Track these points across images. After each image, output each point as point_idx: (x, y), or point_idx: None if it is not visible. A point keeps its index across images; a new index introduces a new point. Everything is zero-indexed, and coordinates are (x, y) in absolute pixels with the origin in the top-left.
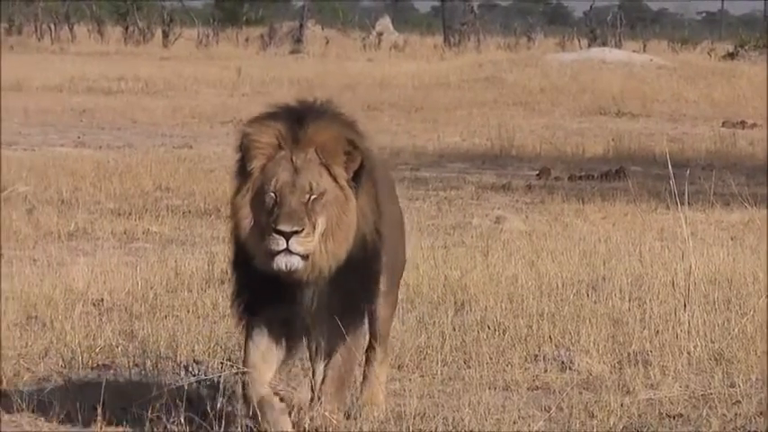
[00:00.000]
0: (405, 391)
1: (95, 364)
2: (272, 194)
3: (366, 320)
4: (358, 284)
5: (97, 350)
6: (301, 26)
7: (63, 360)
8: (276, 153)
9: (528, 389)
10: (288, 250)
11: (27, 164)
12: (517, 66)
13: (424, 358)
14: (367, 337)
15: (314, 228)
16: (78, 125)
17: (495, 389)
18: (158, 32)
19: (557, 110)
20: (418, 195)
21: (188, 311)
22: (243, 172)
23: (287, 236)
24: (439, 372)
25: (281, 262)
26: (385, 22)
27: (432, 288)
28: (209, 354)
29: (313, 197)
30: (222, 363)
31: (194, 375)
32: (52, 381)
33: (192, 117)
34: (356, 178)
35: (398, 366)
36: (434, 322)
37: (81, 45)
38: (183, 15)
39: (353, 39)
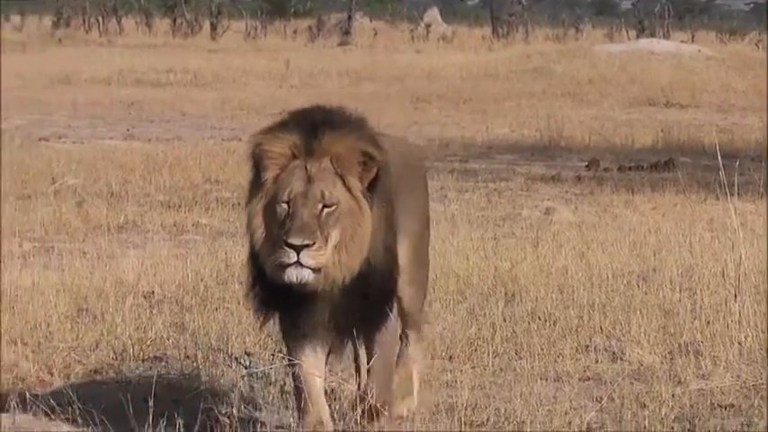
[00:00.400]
0: (456, 382)
1: (146, 357)
2: (285, 205)
3: (392, 313)
4: (376, 287)
5: (148, 342)
6: (349, 18)
7: (114, 352)
8: (290, 163)
9: (579, 380)
10: (299, 263)
11: (76, 157)
12: (565, 57)
13: (475, 350)
14: (398, 328)
15: (326, 241)
16: (127, 117)
17: (547, 380)
18: (206, 25)
19: (605, 101)
20: (467, 187)
21: (238, 303)
22: (256, 181)
23: (297, 249)
24: (490, 363)
25: (292, 275)
26: (433, 14)
27: (482, 279)
28: (260, 346)
29: (326, 209)
30: (273, 354)
31: (246, 367)
32: (103, 373)
33: (241, 109)
34: (372, 188)
35: (449, 358)
36: (485, 313)
37: (129, 37)
38: (230, 8)
39: (402, 30)
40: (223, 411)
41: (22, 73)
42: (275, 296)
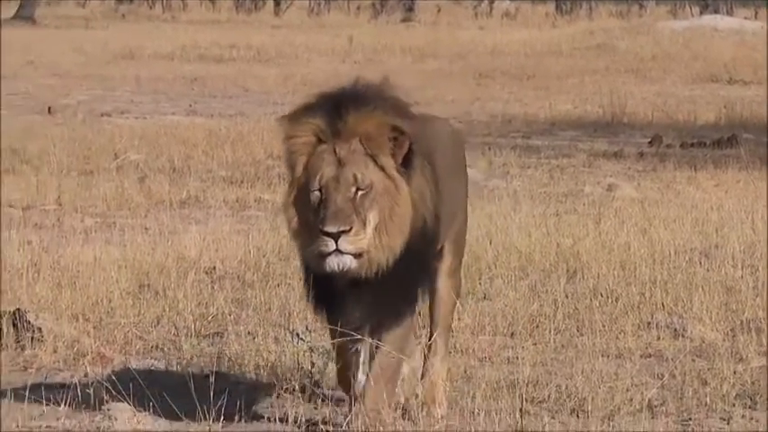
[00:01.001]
0: (517, 359)
1: (207, 333)
2: (318, 192)
3: (417, 307)
4: (413, 271)
5: (209, 318)
6: None
7: (175, 328)
8: (317, 148)
9: (641, 356)
10: (338, 251)
11: (139, 132)
12: (629, 33)
13: (537, 326)
14: (419, 324)
15: (364, 224)
16: (190, 93)
17: (608, 356)
18: (270, 1)
19: (668, 77)
20: (530, 163)
21: (300, 279)
22: (290, 173)
23: (335, 236)
24: (551, 340)
25: (333, 263)
26: None
27: (544, 256)
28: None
29: (360, 192)
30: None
31: (308, 343)
32: (164, 349)
33: (304, 85)
34: (406, 164)
35: (511, 334)
36: (547, 290)
37: (192, 13)
38: None
39: (465, 7)
40: (284, 387)
41: (86, 48)
42: (325, 287)
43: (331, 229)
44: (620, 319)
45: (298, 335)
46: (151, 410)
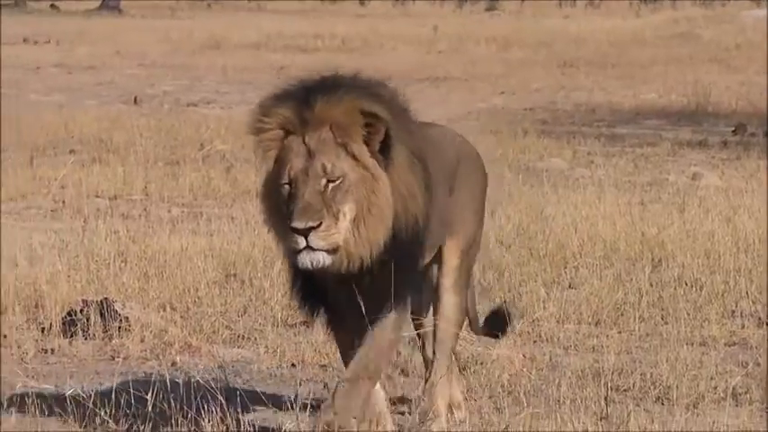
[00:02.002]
0: (602, 347)
1: (294, 322)
2: (287, 186)
3: (408, 308)
4: (402, 266)
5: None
6: None
7: (262, 318)
8: (286, 139)
9: (725, 344)
10: (309, 247)
11: (225, 122)
12: (713, 22)
13: (622, 314)
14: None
15: (336, 218)
16: (276, 82)
17: (693, 344)
18: None
19: (752, 66)
20: (614, 152)
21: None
22: (262, 166)
23: (304, 233)
24: (636, 328)
25: (306, 260)
26: None
27: (629, 245)
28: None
29: (332, 183)
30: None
31: None
32: (251, 339)
33: (389, 74)
34: (384, 151)
35: (596, 323)
36: (631, 279)
37: (278, 3)
38: None
39: None
40: None
41: (171, 38)
42: (316, 284)
43: (298, 225)
44: (705, 307)
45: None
46: (238, 400)
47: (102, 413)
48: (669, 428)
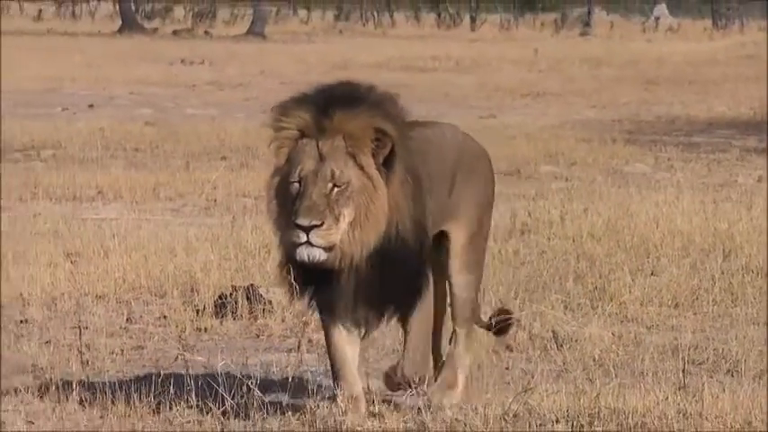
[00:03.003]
0: (680, 326)
1: None
2: (297, 184)
3: (424, 293)
4: (402, 263)
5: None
6: (589, 12)
7: None
8: (300, 141)
9: None
10: (308, 243)
11: None
12: None
13: (697, 298)
14: (431, 314)
15: (337, 220)
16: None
17: (759, 324)
18: (466, 18)
19: None
20: (691, 158)
21: (493, 258)
22: (274, 160)
23: (306, 229)
24: (710, 310)
25: (303, 253)
26: (661, 8)
27: (702, 237)
28: (513, 295)
29: (337, 188)
30: (523, 303)
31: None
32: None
33: (496, 91)
34: (388, 165)
35: (675, 305)
36: (705, 267)
37: (399, 29)
38: (487, 3)
39: (634, 23)
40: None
41: (308, 59)
42: (304, 274)
43: (303, 222)
44: None
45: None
46: (367, 371)
47: (249, 383)
48: (738, 397)
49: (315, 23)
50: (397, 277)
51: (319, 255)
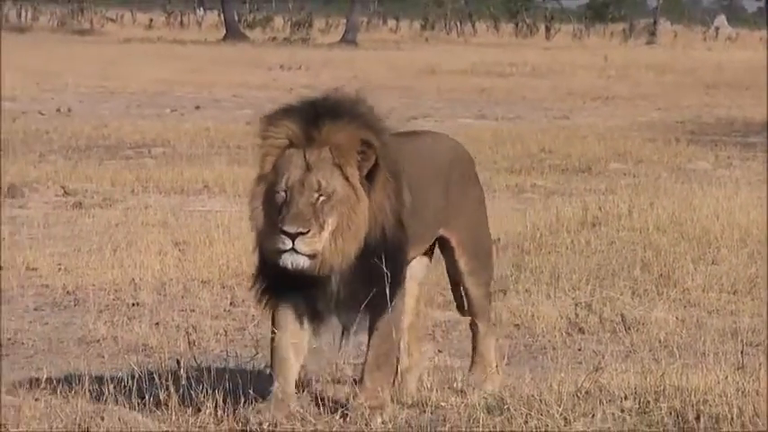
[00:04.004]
0: (739, 311)
1: (494, 290)
2: (283, 193)
3: (399, 301)
4: (379, 273)
5: (495, 279)
6: (655, 22)
7: None
8: (287, 150)
9: None
10: (294, 250)
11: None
12: None
13: (754, 285)
14: (404, 317)
15: (321, 228)
16: (479, 101)
17: None
18: (542, 28)
19: None
20: (748, 156)
21: (566, 248)
22: (259, 167)
23: (292, 237)
24: (766, 296)
25: (287, 260)
26: (721, 19)
27: (759, 229)
28: (585, 282)
29: (322, 198)
30: (594, 289)
31: (572, 299)
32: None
33: (569, 94)
34: (370, 177)
35: (734, 292)
36: (762, 256)
37: (480, 38)
38: (561, 14)
39: (696, 32)
40: (556, 329)
41: (396, 65)
42: (281, 280)
43: (290, 229)
44: None
45: (565, 292)
46: (451, 351)
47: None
48: None
49: (403, 32)
50: (371, 282)
51: (303, 262)
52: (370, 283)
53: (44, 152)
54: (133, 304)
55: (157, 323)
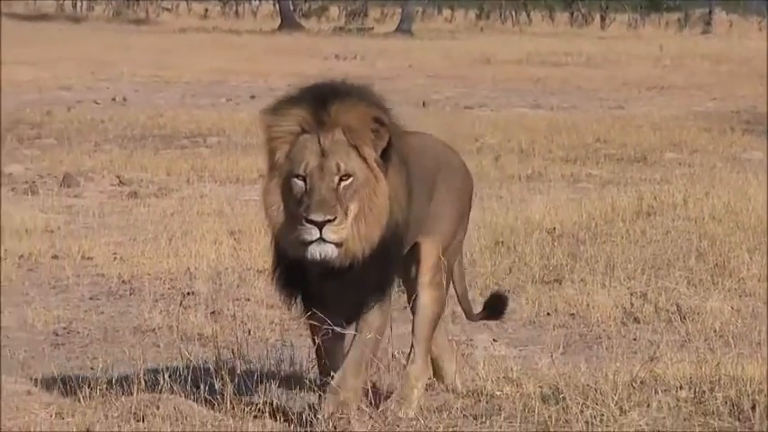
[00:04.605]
0: None
1: (548, 280)
2: (300, 181)
3: (389, 302)
4: (385, 262)
5: (550, 269)
6: (710, 12)
7: (523, 276)
8: (300, 137)
9: None
10: (321, 239)
11: (493, 121)
12: None
13: None
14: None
15: (345, 215)
16: (534, 91)
17: None
18: (597, 17)
19: None
20: None
21: (621, 238)
22: (270, 160)
23: (319, 225)
24: None
25: (315, 251)
26: None
27: None
28: (640, 271)
29: (343, 182)
30: (649, 278)
31: (628, 288)
32: (514, 293)
33: (624, 84)
34: (384, 156)
35: None
36: None
37: (535, 27)
38: (616, 4)
39: (751, 22)
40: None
41: (452, 55)
42: (297, 275)
43: (317, 217)
44: None
45: (620, 281)
46: (506, 340)
47: (396, 352)
48: None
49: (458, 22)
50: (383, 273)
51: (331, 251)
52: (381, 273)
53: (99, 141)
54: (188, 293)
55: (213, 312)
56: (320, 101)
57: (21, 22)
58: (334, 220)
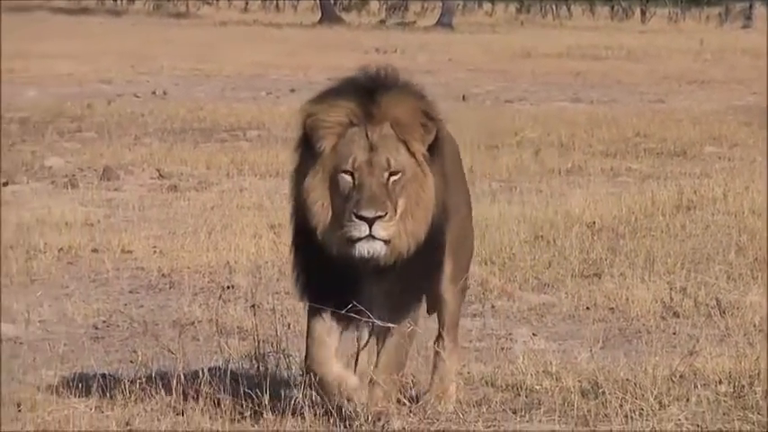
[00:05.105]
0: None
1: (588, 274)
2: (348, 176)
3: (422, 304)
4: (424, 265)
5: (590, 263)
6: (751, 6)
7: (563, 270)
8: (346, 131)
9: None
10: (371, 236)
11: (533, 115)
12: None
13: None
14: (419, 322)
15: (395, 211)
16: (574, 84)
17: None
18: (638, 11)
19: None
20: None
21: (661, 232)
22: (310, 153)
23: (370, 221)
24: None
25: (364, 249)
26: None
27: None
28: (680, 265)
29: (392, 177)
30: (688, 273)
31: (667, 282)
32: (554, 286)
33: (664, 78)
34: (431, 151)
35: None
36: None
37: (576, 21)
38: None
39: None
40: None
41: (492, 49)
42: (324, 278)
43: (368, 213)
44: None
45: (660, 275)
46: (545, 334)
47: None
48: None
49: (498, 15)
50: (417, 270)
51: (380, 249)
52: (423, 275)
53: (139, 135)
54: (228, 287)
55: (252, 306)
56: (368, 93)
57: (62, 16)
58: (384, 215)
